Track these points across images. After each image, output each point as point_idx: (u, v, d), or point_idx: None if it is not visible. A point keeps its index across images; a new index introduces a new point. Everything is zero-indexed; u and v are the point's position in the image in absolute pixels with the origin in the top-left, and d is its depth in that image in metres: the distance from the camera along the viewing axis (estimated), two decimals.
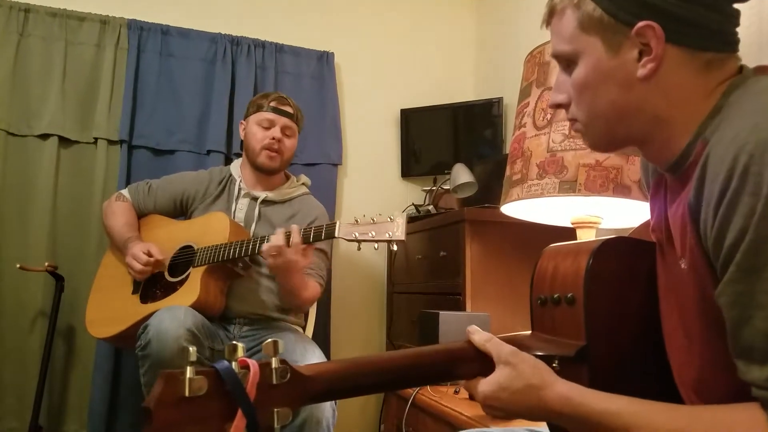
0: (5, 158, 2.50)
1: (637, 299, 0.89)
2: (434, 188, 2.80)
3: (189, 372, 0.61)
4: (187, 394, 0.61)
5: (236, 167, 2.33)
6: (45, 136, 2.54)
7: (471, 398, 1.74)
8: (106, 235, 2.28)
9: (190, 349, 0.61)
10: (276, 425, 0.66)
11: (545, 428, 0.92)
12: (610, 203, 1.64)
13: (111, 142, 2.62)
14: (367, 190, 3.05)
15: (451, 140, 3.05)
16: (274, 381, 0.67)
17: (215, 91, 2.75)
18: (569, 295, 0.87)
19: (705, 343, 0.77)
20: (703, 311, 0.76)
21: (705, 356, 0.78)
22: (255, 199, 2.24)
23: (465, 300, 2.13)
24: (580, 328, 0.85)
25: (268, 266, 1.95)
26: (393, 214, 1.78)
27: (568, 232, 1.73)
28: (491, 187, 2.33)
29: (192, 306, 1.91)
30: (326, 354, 2.29)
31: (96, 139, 2.61)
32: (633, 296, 0.89)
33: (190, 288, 2.00)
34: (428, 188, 2.91)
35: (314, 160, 2.91)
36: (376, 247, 1.81)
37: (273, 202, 2.26)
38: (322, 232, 1.86)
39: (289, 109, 2.26)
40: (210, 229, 2.10)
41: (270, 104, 2.25)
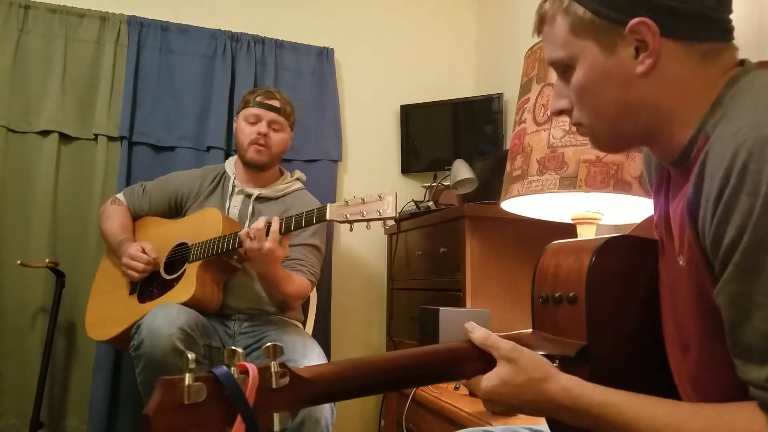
0: (5, 155, 2.50)
1: (639, 298, 0.89)
2: (434, 184, 2.80)
3: (188, 379, 0.61)
4: (187, 401, 0.61)
5: (230, 164, 2.33)
6: (45, 133, 2.55)
7: (471, 395, 1.74)
8: (104, 240, 2.28)
9: (189, 356, 0.61)
10: (276, 429, 0.66)
11: (545, 425, 0.92)
12: (611, 199, 1.63)
13: (111, 139, 2.63)
14: (367, 187, 3.02)
15: (452, 136, 3.04)
16: (274, 385, 0.67)
17: (215, 88, 2.74)
18: (571, 295, 0.87)
19: (702, 340, 0.78)
20: (701, 308, 0.76)
21: (702, 353, 0.78)
22: (249, 196, 2.24)
23: (465, 296, 2.13)
24: (582, 328, 0.85)
25: (245, 251, 1.90)
26: (382, 192, 1.76)
27: (569, 229, 1.73)
28: (491, 183, 2.32)
29: (189, 301, 1.92)
30: (326, 351, 2.29)
31: (96, 136, 2.61)
32: (635, 295, 0.89)
33: (187, 284, 2.00)
34: (428, 184, 2.91)
35: (314, 157, 2.90)
36: (368, 227, 1.79)
37: (267, 199, 2.26)
38: (314, 217, 1.84)
39: (276, 103, 2.24)
40: (204, 225, 2.10)
41: (256, 99, 2.23)
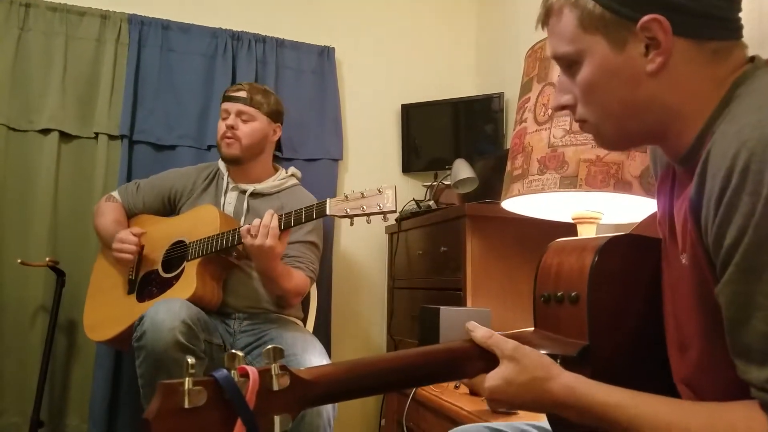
0: (6, 153, 2.49)
1: (641, 297, 0.89)
2: (435, 183, 2.79)
3: (188, 383, 0.61)
4: (187, 405, 0.61)
5: (222, 159, 2.32)
6: (46, 131, 2.54)
7: (472, 393, 1.74)
8: (97, 237, 2.28)
9: (189, 361, 0.61)
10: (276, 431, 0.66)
11: (546, 421, 0.92)
12: (611, 199, 1.63)
13: (111, 137, 2.62)
14: (368, 186, 3.02)
15: (452, 135, 3.04)
16: (275, 387, 0.67)
17: (216, 86, 2.73)
18: (573, 294, 0.87)
19: (701, 340, 0.78)
20: (702, 307, 0.76)
21: (701, 352, 0.78)
22: (243, 192, 2.24)
23: (466, 295, 2.13)
24: (583, 328, 0.85)
25: (245, 246, 1.90)
26: (382, 186, 1.76)
27: (569, 228, 1.73)
28: (492, 183, 2.32)
29: (189, 299, 1.91)
30: (327, 349, 2.29)
31: (97, 134, 2.60)
32: (637, 295, 0.89)
33: (186, 282, 2.00)
34: (429, 184, 2.90)
35: (315, 156, 2.90)
36: (369, 221, 1.79)
37: (261, 195, 2.25)
38: (313, 212, 1.84)
39: (241, 94, 2.21)
40: (200, 222, 2.09)
41: (225, 93, 2.24)
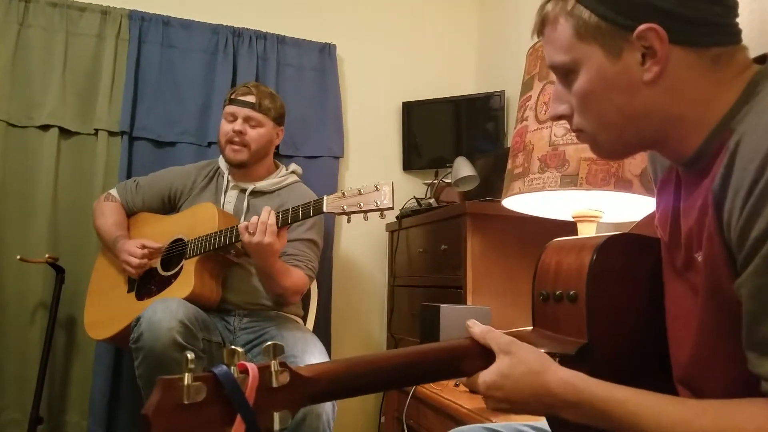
0: (5, 149, 2.49)
1: (640, 296, 0.88)
2: (435, 181, 2.79)
3: (187, 378, 0.61)
4: (186, 401, 0.61)
5: (223, 160, 2.31)
6: (45, 128, 2.54)
7: (472, 391, 1.73)
8: (98, 237, 2.28)
9: (188, 356, 0.61)
10: (276, 428, 0.66)
11: (545, 422, 0.92)
12: (612, 197, 1.63)
13: (112, 134, 2.61)
14: (369, 183, 3.03)
15: (453, 133, 3.04)
16: (274, 384, 0.67)
17: (216, 83, 2.73)
18: (571, 293, 0.86)
19: (705, 338, 0.77)
20: (710, 303, 0.75)
21: (701, 350, 0.78)
22: (243, 191, 2.23)
23: (466, 293, 2.13)
24: (582, 326, 0.84)
25: (244, 244, 1.90)
26: (379, 183, 1.75)
27: (569, 226, 1.73)
28: (492, 181, 2.32)
29: (188, 297, 1.91)
30: (327, 347, 2.29)
31: (97, 131, 2.60)
32: (636, 294, 0.89)
33: (185, 280, 2.00)
34: (429, 181, 2.90)
35: (316, 153, 2.89)
36: (366, 218, 1.78)
37: (262, 193, 2.25)
38: (311, 209, 1.83)
39: (250, 99, 2.19)
40: (199, 220, 2.09)
41: (232, 96, 2.22)
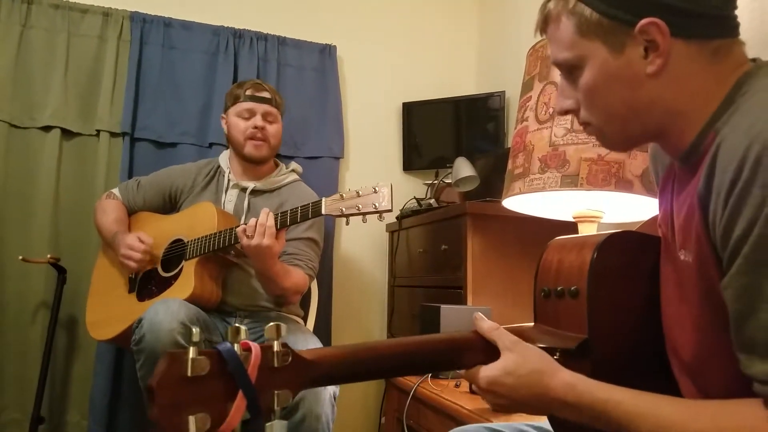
0: (8, 150, 2.50)
1: (641, 294, 0.89)
2: (436, 182, 2.79)
3: (192, 352, 0.62)
4: (190, 374, 0.62)
5: (224, 159, 2.32)
6: (47, 128, 2.55)
7: (472, 392, 1.73)
8: (98, 234, 2.28)
9: (194, 330, 0.62)
10: (276, 407, 0.67)
11: (547, 422, 0.92)
12: (612, 198, 1.63)
13: (113, 135, 2.62)
14: (368, 184, 3.03)
15: (453, 134, 3.04)
16: (276, 364, 0.68)
17: (217, 84, 2.74)
18: (573, 288, 0.87)
19: (703, 335, 0.78)
20: (704, 302, 0.76)
21: (702, 348, 0.78)
22: (244, 190, 2.23)
23: (466, 294, 2.13)
24: (583, 322, 0.85)
25: (242, 247, 1.89)
26: (377, 185, 1.75)
27: (570, 227, 1.73)
28: (493, 181, 2.32)
29: (188, 299, 1.91)
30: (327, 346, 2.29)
31: (98, 132, 2.61)
32: (636, 291, 0.89)
33: (185, 281, 2.00)
34: (430, 182, 2.90)
35: (316, 153, 2.90)
36: (364, 220, 1.78)
37: (262, 192, 2.25)
38: (309, 212, 1.83)
39: (267, 95, 2.23)
40: (198, 220, 2.09)
41: (246, 93, 2.22)
